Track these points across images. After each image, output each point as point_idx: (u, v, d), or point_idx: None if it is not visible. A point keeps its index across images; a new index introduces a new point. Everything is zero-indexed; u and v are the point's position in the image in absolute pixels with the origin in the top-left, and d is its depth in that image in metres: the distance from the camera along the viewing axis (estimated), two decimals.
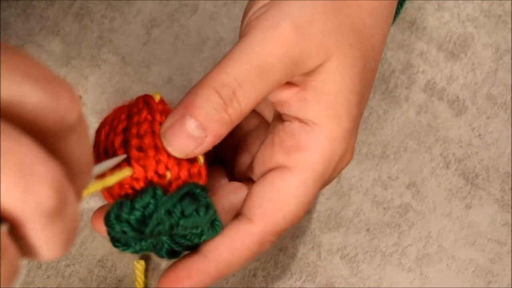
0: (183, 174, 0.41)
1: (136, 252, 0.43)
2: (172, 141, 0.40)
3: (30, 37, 0.59)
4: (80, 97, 0.58)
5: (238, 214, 0.44)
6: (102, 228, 0.43)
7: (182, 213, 0.40)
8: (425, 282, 0.55)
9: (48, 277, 0.54)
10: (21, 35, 0.60)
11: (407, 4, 0.61)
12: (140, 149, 0.40)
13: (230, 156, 0.49)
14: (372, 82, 0.46)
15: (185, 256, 0.43)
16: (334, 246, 0.55)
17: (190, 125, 0.40)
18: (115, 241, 0.43)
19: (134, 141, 0.40)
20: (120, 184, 0.40)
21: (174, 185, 0.41)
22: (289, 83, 0.43)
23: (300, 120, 0.43)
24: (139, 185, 0.40)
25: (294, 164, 0.42)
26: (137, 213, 0.40)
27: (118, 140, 0.41)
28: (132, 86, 0.58)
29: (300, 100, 0.42)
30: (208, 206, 0.41)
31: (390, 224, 0.56)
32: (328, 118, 0.42)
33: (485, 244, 0.56)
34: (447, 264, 0.55)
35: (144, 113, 0.42)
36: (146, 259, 0.54)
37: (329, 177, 0.44)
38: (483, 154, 0.58)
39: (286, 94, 0.43)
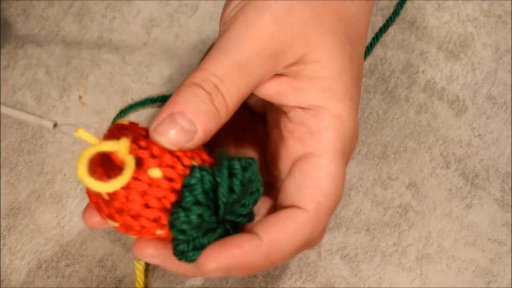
0: (205, 159, 0.40)
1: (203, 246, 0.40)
2: (164, 134, 0.40)
3: (30, 37, 0.59)
4: (80, 97, 0.58)
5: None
6: (94, 220, 0.42)
7: (242, 167, 0.39)
8: (425, 282, 0.55)
9: (48, 277, 0.54)
10: (21, 35, 0.60)
11: (407, 4, 0.61)
12: (153, 156, 0.39)
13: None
14: (362, 65, 0.46)
15: (236, 235, 0.41)
16: (334, 246, 0.55)
17: (180, 120, 0.40)
18: (191, 249, 0.40)
19: (144, 153, 0.39)
20: (159, 199, 0.39)
21: None
22: (279, 75, 0.43)
23: (303, 108, 0.43)
24: (178, 185, 0.39)
25: (313, 148, 0.42)
26: (198, 187, 0.39)
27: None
28: (132, 86, 0.58)
29: (296, 89, 0.42)
30: (252, 158, 0.41)
31: (390, 224, 0.56)
32: (329, 99, 0.42)
33: (485, 244, 0.56)
34: (447, 264, 0.55)
35: (129, 133, 0.40)
36: None
37: (348, 154, 0.44)
38: (483, 154, 0.58)
39: (279, 86, 0.43)
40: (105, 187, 0.37)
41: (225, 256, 0.39)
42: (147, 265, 0.54)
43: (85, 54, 0.59)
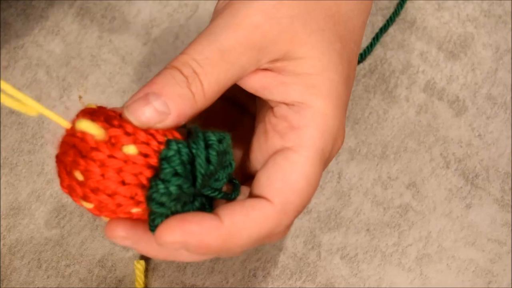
0: (177, 137, 0.40)
1: None
2: (135, 113, 0.39)
3: (30, 37, 0.59)
4: (80, 97, 0.58)
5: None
6: (118, 232, 0.41)
7: (217, 139, 0.40)
8: (425, 282, 0.55)
9: (48, 277, 0.54)
10: (21, 35, 0.60)
11: (407, 4, 0.61)
12: (127, 133, 0.39)
13: None
14: (355, 64, 0.46)
15: (198, 212, 0.40)
16: (334, 246, 0.55)
17: (153, 100, 0.39)
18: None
19: (117, 131, 0.39)
20: (135, 175, 0.39)
21: None
22: (265, 70, 0.43)
23: (287, 104, 0.43)
24: (154, 161, 0.39)
25: (292, 143, 0.42)
26: (176, 159, 0.39)
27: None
28: (132, 86, 0.58)
29: (280, 84, 0.42)
30: (225, 131, 0.41)
31: (390, 224, 0.56)
32: (314, 96, 0.42)
33: (485, 244, 0.56)
34: (447, 264, 0.55)
35: (101, 116, 0.40)
36: (146, 259, 0.54)
37: (329, 155, 0.43)
38: (483, 154, 0.58)
39: (264, 80, 0.42)
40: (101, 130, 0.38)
41: (183, 230, 0.39)
42: (147, 265, 0.54)
43: (85, 54, 0.59)
